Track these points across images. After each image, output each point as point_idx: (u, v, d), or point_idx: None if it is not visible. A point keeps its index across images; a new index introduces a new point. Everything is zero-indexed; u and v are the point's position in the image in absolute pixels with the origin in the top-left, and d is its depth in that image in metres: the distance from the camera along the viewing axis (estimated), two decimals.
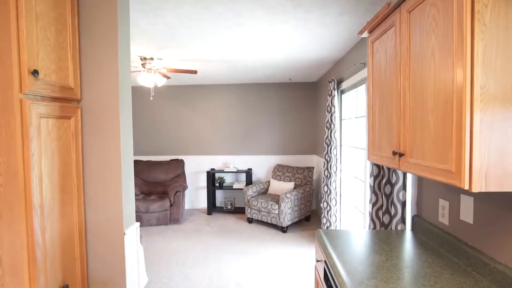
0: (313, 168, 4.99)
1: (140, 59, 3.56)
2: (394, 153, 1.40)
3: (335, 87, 3.65)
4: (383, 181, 2.11)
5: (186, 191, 5.76)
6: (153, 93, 5.56)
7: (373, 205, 2.24)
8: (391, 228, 2.06)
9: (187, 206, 5.78)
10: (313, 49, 3.31)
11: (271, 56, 3.61)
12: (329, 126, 3.78)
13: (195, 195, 5.79)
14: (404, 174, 1.90)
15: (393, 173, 1.96)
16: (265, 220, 4.54)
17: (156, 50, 3.28)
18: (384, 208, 2.09)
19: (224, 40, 2.97)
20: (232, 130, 5.68)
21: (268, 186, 5.15)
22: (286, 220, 4.32)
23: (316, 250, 1.84)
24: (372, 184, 2.26)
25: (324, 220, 3.90)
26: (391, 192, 2.06)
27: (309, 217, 4.89)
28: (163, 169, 5.41)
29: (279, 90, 5.59)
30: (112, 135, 1.33)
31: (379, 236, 1.75)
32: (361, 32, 1.82)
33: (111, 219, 1.34)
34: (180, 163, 5.53)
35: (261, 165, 5.66)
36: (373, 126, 1.72)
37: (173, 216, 4.78)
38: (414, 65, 1.26)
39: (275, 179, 5.16)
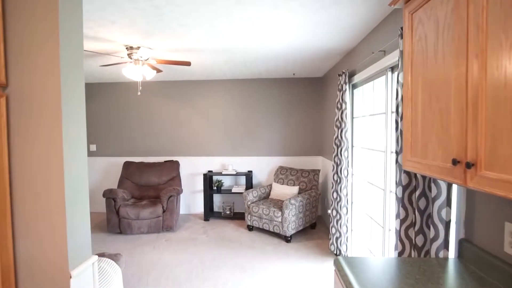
0: (319, 171, 4.57)
1: (126, 48, 3.14)
2: (456, 162, 0.98)
3: (347, 80, 3.23)
4: (416, 193, 1.69)
5: (182, 195, 5.34)
6: (140, 87, 5.13)
7: (402, 221, 1.82)
8: (428, 253, 1.64)
9: (182, 211, 5.37)
10: (321, 37, 2.89)
11: (273, 45, 3.19)
12: (339, 125, 3.37)
13: (191, 200, 5.38)
14: (449, 187, 1.48)
15: (432, 184, 1.54)
16: (267, 228, 4.12)
17: (142, 37, 2.86)
18: (417, 227, 1.67)
19: (220, 26, 2.55)
20: (231, 129, 5.26)
21: (270, 190, 4.73)
22: (290, 229, 3.91)
23: (335, 285, 1.43)
24: (400, 196, 1.84)
25: (333, 230, 3.48)
26: (428, 208, 1.65)
27: (315, 224, 4.48)
28: (156, 172, 5.00)
29: (282, 86, 5.17)
30: (53, 135, 0.92)
31: (420, 268, 1.33)
32: (394, 1, 1.40)
33: (49, 256, 0.93)
34: (175, 164, 5.12)
35: (262, 167, 5.24)
36: (413, 124, 1.30)
37: (166, 223, 4.37)
38: (496, 35, 0.84)
39: (277, 182, 4.75)
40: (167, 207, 4.38)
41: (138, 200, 4.74)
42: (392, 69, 2.41)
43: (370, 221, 2.92)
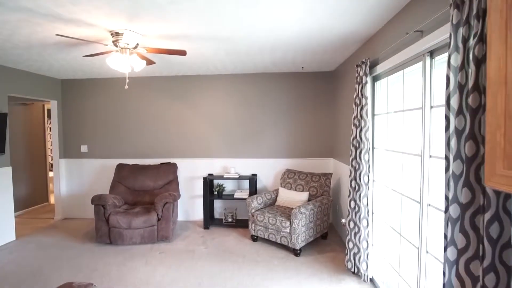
0: (330, 174, 4.10)
1: (111, 34, 2.71)
2: None
3: (367, 71, 2.77)
4: (484, 217, 1.23)
5: (179, 201, 4.91)
6: (128, 80, 4.69)
7: (461, 251, 1.36)
8: None
9: (180, 217, 4.93)
10: (337, 21, 2.43)
11: (280, 32, 2.73)
12: (358, 123, 2.90)
13: (190, 205, 4.94)
14: None
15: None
16: (273, 240, 3.67)
17: (127, 20, 2.42)
18: (486, 262, 1.21)
19: (218, 6, 2.11)
20: (234, 128, 4.81)
21: (277, 196, 4.28)
22: (299, 241, 3.45)
23: None
24: (456, 216, 1.38)
25: (350, 245, 3.02)
26: (503, 237, 1.19)
27: (326, 234, 4.01)
28: (151, 175, 4.56)
29: (290, 81, 4.71)
30: None
31: None
32: None
33: None
34: (172, 167, 4.68)
35: (268, 170, 4.79)
36: (511, 119, 0.85)
37: (161, 233, 3.93)
38: None
39: (284, 187, 4.29)
40: (162, 215, 3.94)
41: (132, 206, 4.31)
42: (432, 53, 1.94)
43: (397, 237, 2.46)
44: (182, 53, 2.92)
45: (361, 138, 2.84)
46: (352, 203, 2.98)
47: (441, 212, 1.81)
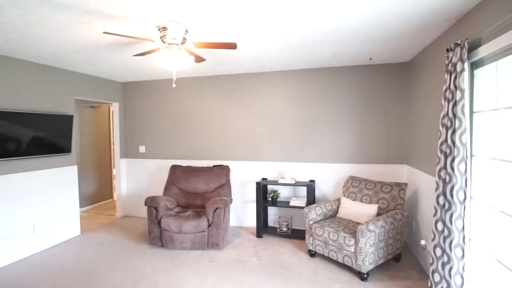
0: (405, 185, 3.43)
1: (158, 30, 2.53)
2: None
3: (464, 56, 2.12)
4: None
5: (232, 205, 4.69)
6: (175, 78, 4.58)
7: None
8: None
9: (232, 223, 4.70)
10: None
11: (340, 18, 2.24)
12: (449, 124, 2.27)
13: (243, 210, 4.68)
14: None
15: None
16: (334, 258, 3.18)
17: (170, 6, 2.19)
18: None
19: None
20: (289, 130, 4.41)
21: (338, 207, 3.75)
22: (366, 263, 2.91)
23: None
24: None
25: (437, 278, 2.39)
26: None
27: (399, 256, 3.36)
28: (203, 177, 4.41)
29: (354, 76, 4.13)
30: None
31: None
32: None
33: None
34: (225, 170, 4.47)
35: (328, 176, 4.27)
36: None
37: (212, 240, 3.72)
38: None
39: (348, 197, 3.74)
40: (213, 221, 3.73)
41: (183, 209, 4.20)
42: None
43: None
44: (232, 46, 2.62)
45: (453, 142, 2.21)
46: (440, 225, 2.35)
47: None
